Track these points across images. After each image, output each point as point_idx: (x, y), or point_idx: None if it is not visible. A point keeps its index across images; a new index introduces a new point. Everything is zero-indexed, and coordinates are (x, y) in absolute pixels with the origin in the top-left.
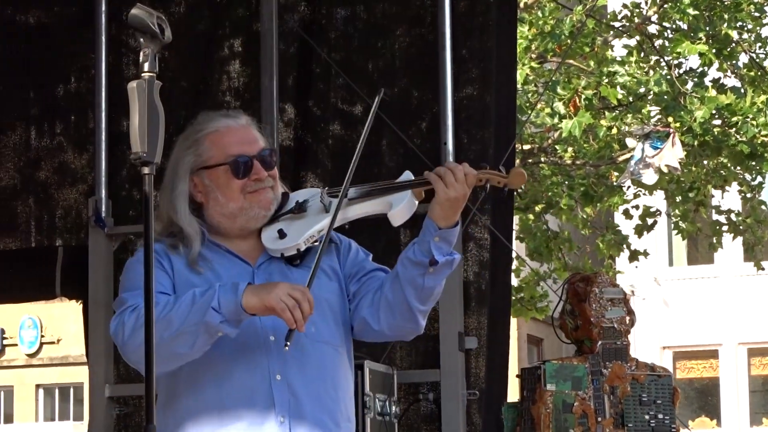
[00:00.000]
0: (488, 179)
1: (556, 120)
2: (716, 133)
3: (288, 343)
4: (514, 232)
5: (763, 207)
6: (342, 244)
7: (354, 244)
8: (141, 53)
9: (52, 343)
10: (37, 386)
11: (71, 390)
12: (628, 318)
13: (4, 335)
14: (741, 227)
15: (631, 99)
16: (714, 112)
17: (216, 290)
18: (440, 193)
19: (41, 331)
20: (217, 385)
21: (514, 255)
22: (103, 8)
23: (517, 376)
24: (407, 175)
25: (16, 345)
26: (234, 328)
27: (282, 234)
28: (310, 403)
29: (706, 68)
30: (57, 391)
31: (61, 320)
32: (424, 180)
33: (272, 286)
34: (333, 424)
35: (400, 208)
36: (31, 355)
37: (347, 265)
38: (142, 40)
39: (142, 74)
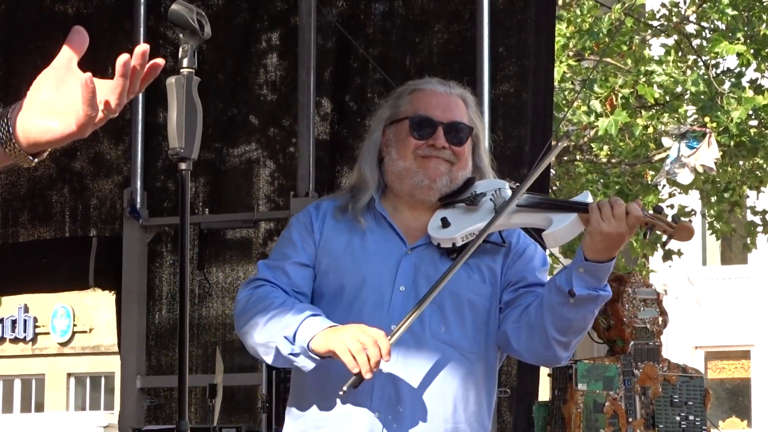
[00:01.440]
0: (654, 225)
1: (592, 118)
2: (752, 133)
3: (344, 389)
4: None
5: None
6: (514, 247)
7: (533, 250)
8: (180, 49)
9: (84, 332)
10: (69, 375)
11: (102, 379)
12: (660, 319)
13: (37, 323)
14: None
15: (667, 98)
16: (751, 112)
17: (301, 319)
18: (593, 224)
19: (74, 320)
20: (320, 368)
21: (547, 253)
22: (143, 0)
23: (549, 374)
24: (585, 197)
25: (48, 333)
26: (310, 362)
27: (445, 223)
28: (411, 403)
29: (743, 68)
30: (88, 380)
31: (93, 309)
32: (585, 206)
33: (343, 329)
34: (432, 430)
35: (558, 228)
36: (63, 344)
37: (511, 272)
38: (181, 35)
39: (181, 70)
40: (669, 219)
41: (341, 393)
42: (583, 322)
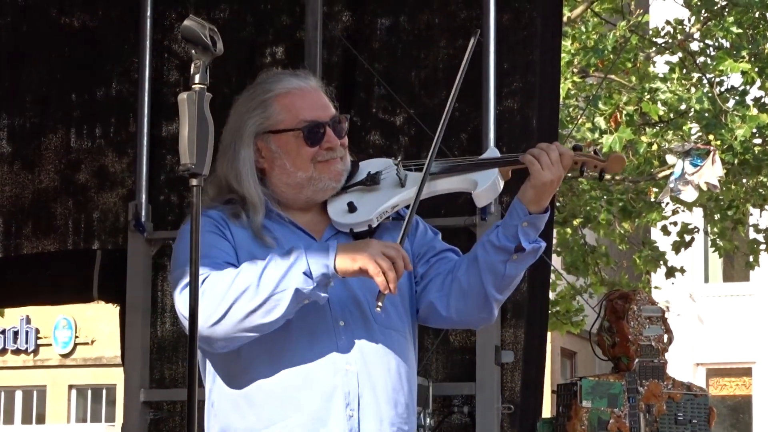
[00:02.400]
0: (585, 162)
1: (596, 135)
2: (756, 151)
3: (380, 304)
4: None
5: None
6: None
7: (422, 222)
8: (192, 65)
9: (86, 344)
10: (70, 387)
11: (104, 391)
12: (665, 336)
13: (39, 335)
14: None
15: (672, 116)
16: (755, 130)
17: (303, 254)
18: (535, 175)
19: (75, 332)
20: (277, 370)
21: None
22: (149, 13)
23: (553, 391)
24: (492, 152)
25: (50, 345)
26: (325, 294)
27: (352, 207)
28: (383, 396)
29: (748, 86)
30: (90, 392)
31: (95, 321)
32: (514, 159)
33: (364, 245)
34: (401, 420)
35: (486, 187)
36: (65, 356)
37: (415, 245)
38: (194, 51)
39: (193, 86)
40: (595, 153)
41: (378, 309)
42: (520, 277)
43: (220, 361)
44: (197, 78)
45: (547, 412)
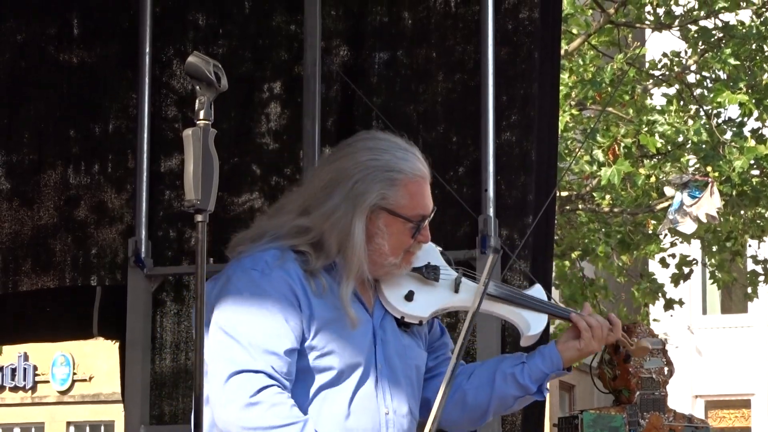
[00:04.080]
0: (622, 344)
1: (594, 167)
2: (754, 183)
3: None
4: None
5: None
6: None
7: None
8: (197, 101)
9: (84, 380)
10: (68, 423)
11: (102, 428)
12: (666, 369)
13: (37, 372)
14: None
15: (669, 148)
16: (752, 162)
17: None
18: (585, 342)
19: (73, 368)
20: None
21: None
22: (147, 50)
23: (554, 425)
24: (539, 292)
25: (48, 382)
26: None
27: (410, 297)
28: None
29: (745, 118)
30: (88, 428)
31: (93, 358)
32: (566, 315)
33: None
34: None
35: (536, 333)
36: (63, 392)
37: (429, 337)
38: (198, 87)
39: (197, 122)
40: (629, 339)
41: None
42: None
43: None
44: (202, 114)
45: None
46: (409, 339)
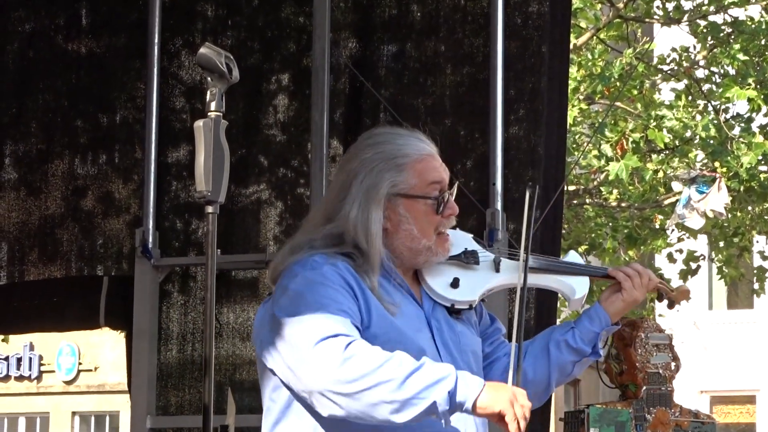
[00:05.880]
0: (660, 290)
1: (603, 162)
2: (762, 179)
3: None
4: None
5: None
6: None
7: (480, 305)
8: (208, 92)
9: (90, 370)
10: (74, 413)
11: (107, 418)
12: (673, 364)
13: (42, 361)
14: None
15: (677, 143)
16: (761, 158)
17: (455, 375)
18: (628, 292)
19: (79, 358)
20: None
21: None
22: (156, 40)
23: (560, 419)
24: (575, 257)
25: (53, 372)
26: (448, 418)
27: (456, 283)
28: None
29: (754, 114)
30: (93, 418)
31: (98, 348)
32: (607, 274)
33: (504, 391)
34: None
35: (582, 296)
36: (69, 382)
37: (481, 324)
38: (209, 79)
39: (209, 113)
40: (668, 284)
41: None
42: None
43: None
44: (213, 105)
45: None
46: (461, 326)
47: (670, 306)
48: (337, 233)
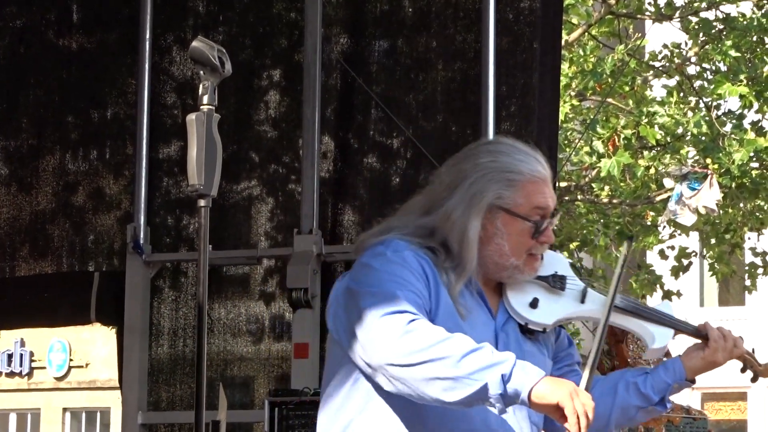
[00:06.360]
0: (747, 362)
1: (594, 158)
2: (754, 175)
3: None
4: None
5: None
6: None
7: (563, 329)
8: (201, 86)
9: (81, 366)
10: (65, 410)
11: (98, 414)
12: (665, 359)
13: (33, 358)
14: None
15: (669, 139)
16: (752, 154)
17: (514, 361)
18: (711, 353)
19: (70, 355)
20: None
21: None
22: (147, 36)
23: None
24: (667, 307)
25: (44, 368)
26: (502, 406)
27: (535, 304)
28: None
29: (745, 110)
30: (84, 415)
31: (89, 344)
32: (693, 330)
33: (564, 384)
34: None
35: (661, 347)
36: (59, 379)
37: (557, 344)
38: (202, 72)
39: (201, 107)
40: (756, 358)
41: None
42: None
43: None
44: (205, 99)
45: None
46: (531, 346)
47: (754, 379)
48: (430, 227)
